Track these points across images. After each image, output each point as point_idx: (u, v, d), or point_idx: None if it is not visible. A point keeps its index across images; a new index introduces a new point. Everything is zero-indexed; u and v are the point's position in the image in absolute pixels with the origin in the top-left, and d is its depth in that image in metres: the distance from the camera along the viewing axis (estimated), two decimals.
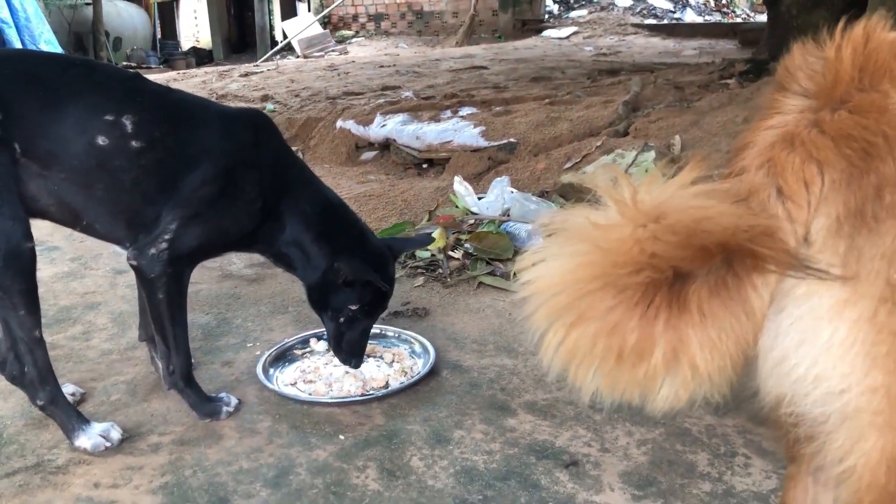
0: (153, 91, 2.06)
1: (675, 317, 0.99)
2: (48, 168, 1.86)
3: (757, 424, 2.07)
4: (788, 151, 1.04)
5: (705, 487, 1.82)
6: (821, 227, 1.01)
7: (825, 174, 1.01)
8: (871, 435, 0.97)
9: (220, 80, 9.61)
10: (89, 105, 1.89)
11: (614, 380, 1.02)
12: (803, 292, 1.00)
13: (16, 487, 1.86)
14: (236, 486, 1.86)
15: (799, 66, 1.12)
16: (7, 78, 1.83)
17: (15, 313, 1.86)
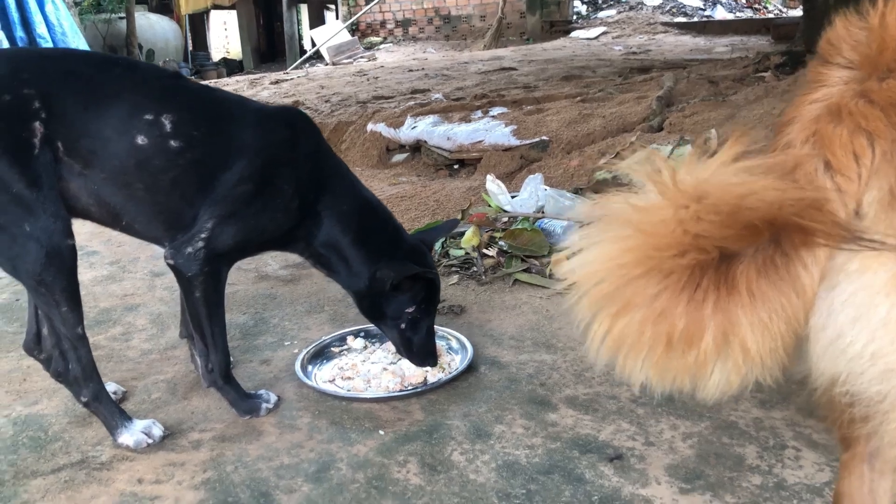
0: (193, 90, 2.08)
1: (724, 299, 0.97)
2: (89, 167, 1.88)
3: (806, 416, 2.02)
4: (835, 124, 1.01)
5: (755, 480, 1.77)
6: (873, 200, 0.97)
7: (876, 145, 0.98)
8: None
9: (252, 88, 9.71)
10: (129, 104, 1.90)
11: (664, 368, 1.00)
12: (857, 267, 0.97)
13: (61, 483, 1.88)
14: (278, 481, 1.85)
15: (842, 37, 1.09)
16: (52, 77, 1.85)
17: (58, 310, 1.88)
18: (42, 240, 1.80)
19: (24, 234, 1.79)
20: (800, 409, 2.05)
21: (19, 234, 1.79)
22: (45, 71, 1.86)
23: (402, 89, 7.88)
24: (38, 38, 10.03)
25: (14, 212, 1.78)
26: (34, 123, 1.79)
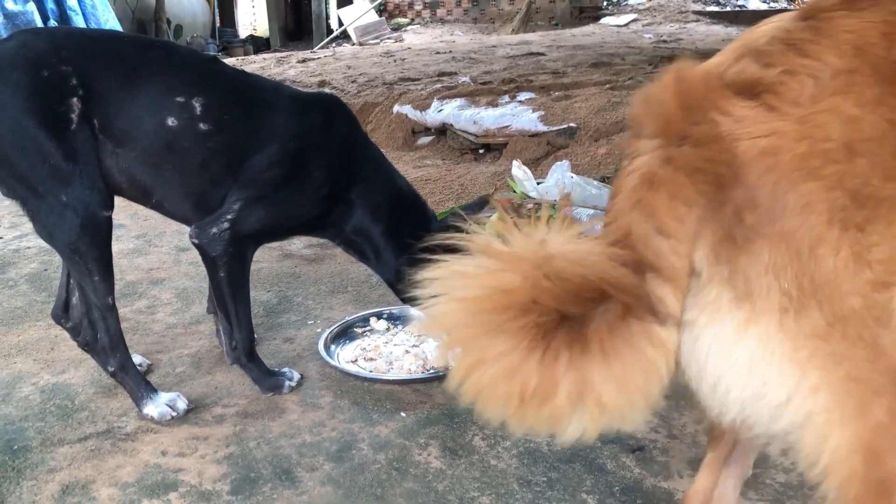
0: (227, 74, 2.08)
1: (577, 357, 1.00)
2: (121, 146, 1.90)
3: None
4: (654, 192, 1.05)
5: (780, 478, 1.75)
6: (702, 258, 1.02)
7: (692, 209, 1.03)
8: (834, 431, 0.95)
9: (279, 66, 9.71)
10: (163, 86, 1.92)
11: (520, 419, 1.03)
12: (705, 322, 1.02)
13: (87, 452, 1.90)
14: (300, 458, 1.86)
15: (641, 111, 1.13)
16: (90, 56, 1.88)
17: (90, 279, 1.90)
18: (78, 209, 1.82)
19: (60, 203, 1.82)
20: None
21: (56, 204, 1.82)
22: (84, 50, 1.88)
23: (428, 71, 7.84)
24: (68, 11, 10.10)
25: (51, 182, 1.81)
26: (72, 99, 1.82)
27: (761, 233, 0.98)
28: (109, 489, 1.76)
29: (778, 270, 0.97)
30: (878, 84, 1.03)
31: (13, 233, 3.78)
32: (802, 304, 0.96)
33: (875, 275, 0.97)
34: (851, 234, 0.97)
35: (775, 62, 1.06)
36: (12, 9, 9.53)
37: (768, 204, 0.99)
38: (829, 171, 0.99)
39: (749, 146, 1.02)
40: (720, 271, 1.01)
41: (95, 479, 1.80)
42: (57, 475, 1.81)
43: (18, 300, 2.93)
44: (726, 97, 1.06)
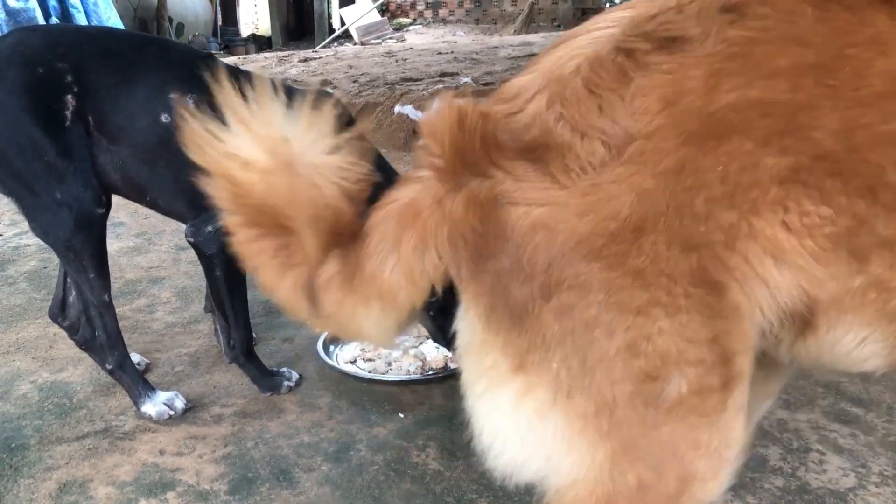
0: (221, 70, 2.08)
1: None
2: (116, 143, 1.90)
3: (832, 420, 1.99)
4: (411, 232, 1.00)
5: (778, 482, 1.75)
6: (475, 318, 0.99)
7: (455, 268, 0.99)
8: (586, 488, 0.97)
9: (280, 66, 9.71)
10: (157, 83, 1.92)
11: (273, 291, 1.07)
12: (483, 388, 1.00)
13: (85, 451, 1.90)
14: (297, 459, 1.86)
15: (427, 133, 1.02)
16: (86, 53, 1.88)
17: (86, 276, 1.90)
18: (73, 207, 1.82)
19: (55, 200, 1.82)
20: (826, 413, 2.02)
21: (51, 201, 1.82)
22: (80, 47, 1.88)
23: (430, 72, 7.83)
24: (70, 8, 10.09)
25: (46, 179, 1.81)
26: (66, 96, 1.82)
27: (532, 308, 0.93)
28: (107, 488, 1.76)
29: (550, 349, 0.93)
30: (683, 145, 0.92)
31: (13, 230, 3.78)
32: (573, 385, 0.93)
33: (647, 365, 0.92)
34: (628, 318, 0.91)
35: (569, 116, 0.95)
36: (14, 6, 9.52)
37: (541, 279, 0.92)
38: (613, 251, 0.91)
39: (523, 214, 0.93)
40: (495, 339, 0.97)
41: (93, 477, 1.80)
42: (54, 473, 1.81)
43: (17, 298, 2.93)
44: (509, 156, 0.96)
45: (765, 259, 0.95)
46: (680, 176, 0.91)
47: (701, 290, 0.93)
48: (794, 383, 2.17)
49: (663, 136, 0.92)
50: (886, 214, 0.95)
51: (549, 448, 0.97)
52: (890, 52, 0.93)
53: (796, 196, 0.94)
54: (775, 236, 0.94)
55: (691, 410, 0.94)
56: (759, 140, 0.92)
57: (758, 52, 0.94)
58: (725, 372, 0.95)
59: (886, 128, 0.93)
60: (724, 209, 0.92)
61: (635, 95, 0.93)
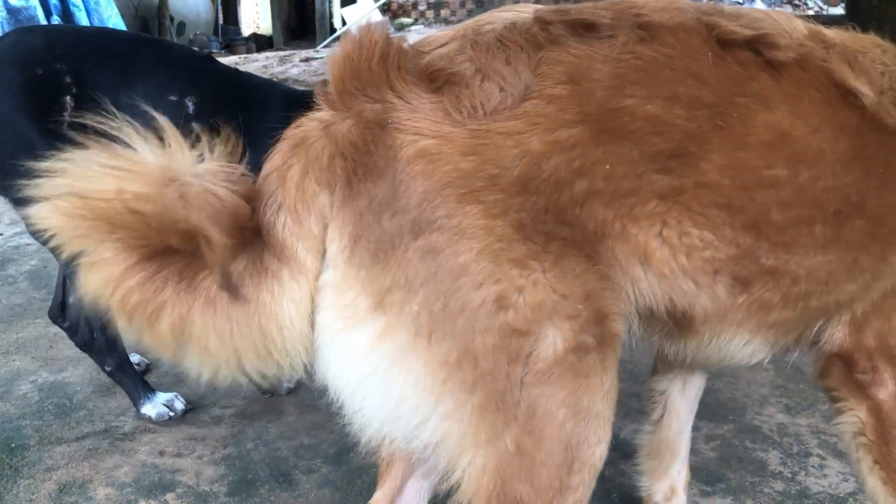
0: (220, 72, 2.07)
1: (184, 294, 0.93)
2: None
3: (832, 424, 1.99)
4: (293, 162, 0.96)
5: (778, 487, 1.75)
6: (336, 252, 0.94)
7: (328, 194, 0.94)
8: (466, 454, 0.95)
9: (281, 65, 9.71)
10: (157, 84, 1.92)
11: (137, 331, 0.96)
12: (340, 327, 0.95)
13: (85, 451, 1.90)
14: (297, 461, 1.86)
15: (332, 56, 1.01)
16: (85, 55, 1.87)
17: None
18: None
19: None
20: (826, 417, 2.02)
21: None
22: (79, 47, 1.88)
23: None
24: (71, 7, 10.09)
25: None
26: (65, 98, 1.81)
27: (399, 244, 0.90)
28: (106, 489, 1.76)
29: (412, 289, 0.90)
30: (580, 124, 0.94)
31: (13, 229, 3.77)
32: (435, 330, 0.90)
33: (516, 319, 0.90)
34: (504, 268, 0.90)
35: (475, 57, 0.96)
36: (15, 4, 9.51)
37: (414, 213, 0.90)
38: (493, 199, 0.91)
39: (409, 142, 0.92)
40: (357, 273, 0.92)
41: (93, 478, 1.79)
42: (54, 474, 1.81)
43: (18, 297, 2.93)
44: (407, 80, 0.95)
45: (632, 260, 1.00)
46: (570, 153, 0.94)
47: (576, 252, 0.95)
48: (794, 388, 2.18)
49: (562, 106, 0.94)
50: (769, 247, 1.04)
51: (413, 399, 0.93)
52: (772, 107, 1.02)
53: (678, 215, 0.99)
54: (647, 244, 0.99)
55: (568, 371, 0.94)
56: (647, 154, 0.97)
57: (662, 74, 0.99)
58: (600, 330, 0.96)
59: (770, 173, 1.02)
60: (601, 205, 0.96)
61: (542, 61, 0.96)
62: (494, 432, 0.94)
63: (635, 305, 1.04)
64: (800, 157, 1.04)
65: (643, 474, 1.58)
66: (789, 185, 1.04)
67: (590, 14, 1.01)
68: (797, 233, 1.06)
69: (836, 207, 1.07)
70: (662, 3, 1.06)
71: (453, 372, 0.91)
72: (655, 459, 1.56)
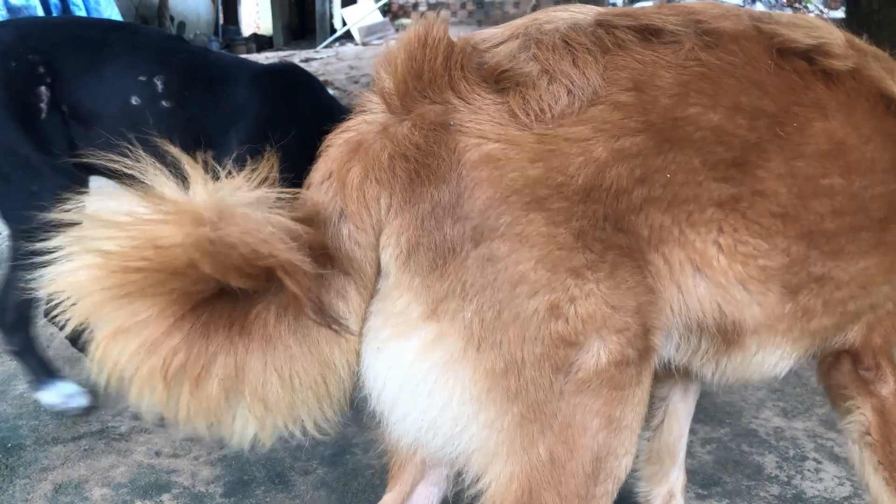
0: (189, 52, 2.05)
1: (235, 338, 0.86)
2: (90, 128, 1.91)
3: (829, 428, 1.99)
4: (351, 166, 0.92)
5: (773, 490, 1.75)
6: (390, 258, 0.91)
7: (388, 196, 0.90)
8: (498, 462, 0.95)
9: None
10: (126, 66, 1.92)
11: (170, 403, 0.87)
12: (389, 334, 0.93)
13: (81, 451, 1.90)
14: (293, 462, 1.86)
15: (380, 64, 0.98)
16: (56, 43, 1.89)
17: None
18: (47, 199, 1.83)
19: (30, 194, 1.81)
20: (823, 421, 2.02)
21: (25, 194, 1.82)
22: (50, 37, 1.89)
23: None
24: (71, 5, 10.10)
25: (21, 172, 1.83)
26: (40, 88, 1.83)
27: (460, 251, 0.88)
28: (102, 489, 1.75)
29: (467, 298, 0.89)
30: (643, 133, 0.93)
31: None
32: (485, 338, 0.89)
33: (565, 329, 0.90)
34: (560, 277, 0.89)
35: (541, 57, 0.93)
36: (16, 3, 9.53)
37: (477, 220, 0.88)
38: (557, 207, 0.89)
39: (473, 146, 0.89)
40: (411, 280, 0.90)
41: (88, 478, 1.79)
42: (50, 474, 1.81)
43: None
44: (470, 80, 0.92)
45: (687, 267, 0.99)
46: (632, 162, 0.93)
47: (630, 262, 0.94)
48: (790, 391, 2.18)
49: (628, 114, 0.93)
50: (819, 255, 1.05)
51: (457, 407, 0.92)
52: (829, 116, 1.03)
53: (734, 222, 1.00)
54: (704, 250, 0.99)
55: (607, 383, 0.93)
56: (709, 162, 0.97)
57: (726, 83, 0.99)
58: (644, 344, 0.96)
59: (826, 182, 1.03)
60: (658, 212, 0.96)
61: (609, 66, 0.94)
62: (530, 441, 0.94)
63: (684, 318, 1.03)
64: (854, 166, 1.06)
65: (641, 479, 1.58)
66: (843, 194, 1.05)
67: (656, 18, 1.00)
68: (846, 240, 1.08)
69: (882, 214, 1.10)
70: (721, 9, 1.05)
71: (499, 381, 0.91)
72: (655, 465, 1.55)
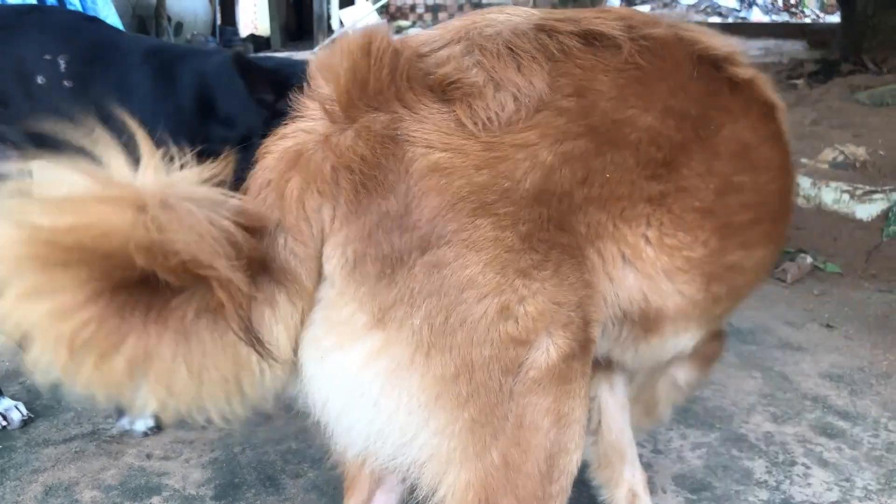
0: (96, 31, 2.05)
1: (152, 323, 0.84)
2: (7, 107, 1.92)
3: (818, 434, 2.00)
4: (290, 176, 0.91)
5: (762, 495, 1.75)
6: (335, 268, 0.90)
7: (331, 208, 0.89)
8: (452, 470, 0.94)
9: None
10: (36, 46, 1.93)
11: (71, 370, 0.85)
12: (333, 343, 0.91)
13: (72, 453, 1.90)
14: (284, 465, 1.86)
15: (318, 70, 0.97)
16: None
17: None
18: None
19: None
20: (812, 426, 2.03)
21: None
22: None
23: None
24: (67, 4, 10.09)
25: None
26: None
27: (408, 260, 0.88)
28: (92, 491, 1.75)
29: (415, 304, 0.88)
30: (584, 136, 0.96)
31: None
32: (434, 344, 0.89)
33: (516, 329, 0.91)
34: (509, 279, 0.90)
35: (487, 65, 0.94)
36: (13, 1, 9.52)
37: (425, 228, 0.88)
38: (504, 211, 0.90)
39: (421, 155, 0.89)
40: (356, 290, 0.90)
41: (79, 480, 1.79)
42: (40, 476, 1.81)
43: None
44: (416, 91, 0.92)
45: (617, 259, 1.05)
46: (575, 164, 0.96)
47: (571, 259, 0.98)
48: (781, 397, 2.19)
49: (571, 118, 0.96)
50: (732, 247, 1.16)
51: (405, 416, 0.91)
52: (736, 120, 1.13)
53: (661, 217, 1.06)
54: (636, 243, 1.05)
55: (556, 378, 0.95)
56: (642, 161, 1.02)
57: (658, 87, 1.05)
58: (585, 336, 0.99)
59: (737, 179, 1.13)
60: (596, 209, 1.00)
61: (553, 73, 0.97)
62: (483, 446, 0.93)
63: (613, 308, 1.08)
64: (756, 165, 1.17)
65: (601, 487, 1.57)
66: (750, 190, 1.16)
67: (598, 23, 1.03)
68: (751, 232, 1.18)
69: (776, 207, 1.23)
70: (646, 16, 1.12)
71: (448, 386, 0.91)
72: (607, 469, 1.54)
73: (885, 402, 2.15)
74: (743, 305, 2.78)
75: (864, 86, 4.39)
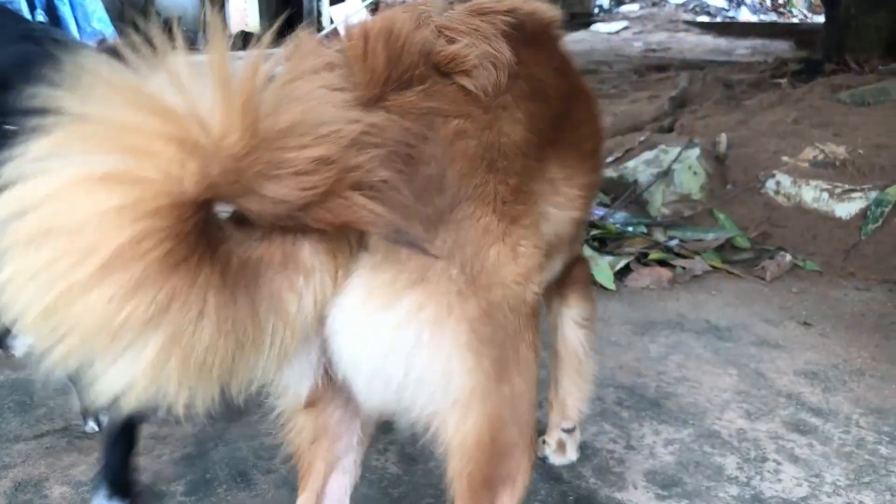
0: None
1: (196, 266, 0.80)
2: None
3: (791, 430, 2.01)
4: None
5: (732, 491, 1.76)
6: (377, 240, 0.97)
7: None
8: (475, 407, 1.03)
9: None
10: None
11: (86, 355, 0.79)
12: (376, 306, 0.97)
13: (43, 449, 1.89)
14: (256, 461, 1.86)
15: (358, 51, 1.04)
16: None
17: None
18: None
19: None
20: (785, 423, 2.04)
21: None
22: None
23: None
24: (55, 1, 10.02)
25: None
26: None
27: (445, 219, 0.99)
28: (62, 487, 1.75)
29: (452, 257, 0.99)
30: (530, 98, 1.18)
31: None
32: (465, 291, 0.99)
33: (520, 268, 1.05)
34: (507, 226, 1.05)
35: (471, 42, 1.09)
36: None
37: (454, 188, 1.00)
38: (501, 165, 1.07)
39: (445, 123, 1.02)
40: (398, 254, 0.97)
41: (49, 476, 1.79)
42: (10, 472, 1.80)
43: None
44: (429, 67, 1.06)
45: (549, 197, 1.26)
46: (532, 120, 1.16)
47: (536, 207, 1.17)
48: (756, 393, 2.20)
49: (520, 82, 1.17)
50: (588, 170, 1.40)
51: (445, 361, 0.99)
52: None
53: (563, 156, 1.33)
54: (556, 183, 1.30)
55: (534, 314, 1.11)
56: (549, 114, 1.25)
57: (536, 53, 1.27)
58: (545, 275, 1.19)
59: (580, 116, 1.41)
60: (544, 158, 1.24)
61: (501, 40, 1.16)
62: (500, 380, 1.04)
63: None
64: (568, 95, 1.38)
65: None
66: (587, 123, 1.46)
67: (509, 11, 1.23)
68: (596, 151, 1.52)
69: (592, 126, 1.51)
70: None
71: (477, 328, 1.00)
72: None
73: (858, 399, 2.16)
74: (721, 303, 2.82)
75: (846, 85, 4.40)
